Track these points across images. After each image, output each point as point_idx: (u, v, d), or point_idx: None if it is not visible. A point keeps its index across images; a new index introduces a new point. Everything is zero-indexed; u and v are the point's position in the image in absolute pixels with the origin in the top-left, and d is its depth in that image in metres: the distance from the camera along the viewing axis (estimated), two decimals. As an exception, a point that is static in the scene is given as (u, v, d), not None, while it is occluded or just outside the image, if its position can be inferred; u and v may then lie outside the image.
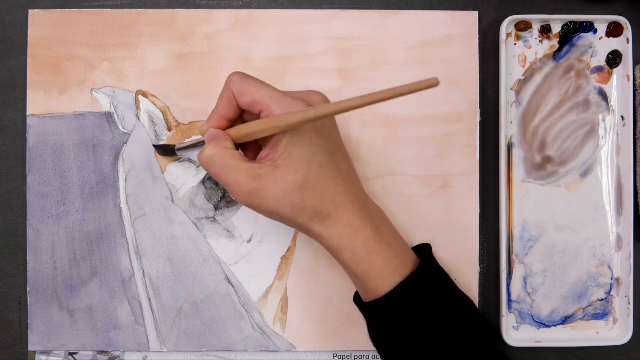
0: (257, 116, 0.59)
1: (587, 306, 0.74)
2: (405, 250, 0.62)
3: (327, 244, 0.60)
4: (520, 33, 0.73)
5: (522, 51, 0.74)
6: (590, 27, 0.73)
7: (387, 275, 0.60)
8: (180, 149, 0.69)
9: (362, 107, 0.54)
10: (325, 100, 0.61)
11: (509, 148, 0.73)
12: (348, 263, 0.60)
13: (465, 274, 0.73)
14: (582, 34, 0.73)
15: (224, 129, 0.61)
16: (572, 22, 0.73)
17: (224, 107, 0.60)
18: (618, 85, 0.73)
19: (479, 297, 0.73)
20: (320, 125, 0.59)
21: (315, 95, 0.61)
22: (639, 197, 0.72)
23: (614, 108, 0.73)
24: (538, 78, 0.73)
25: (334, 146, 0.61)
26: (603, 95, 0.73)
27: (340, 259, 0.60)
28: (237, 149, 0.59)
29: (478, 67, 0.73)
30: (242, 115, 0.62)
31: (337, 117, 0.70)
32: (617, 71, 0.73)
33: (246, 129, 0.59)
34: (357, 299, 0.65)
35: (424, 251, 0.65)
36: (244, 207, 0.72)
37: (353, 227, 0.59)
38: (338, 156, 0.61)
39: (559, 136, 0.73)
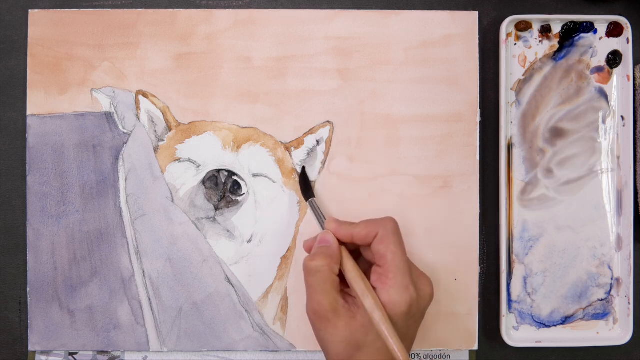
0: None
1: (587, 306, 0.74)
2: None
3: None
4: (520, 33, 0.73)
5: (522, 51, 0.74)
6: (590, 27, 0.73)
7: None
8: (312, 205, 0.70)
9: None
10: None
11: (509, 148, 0.73)
12: None
13: (465, 274, 0.73)
14: (582, 34, 0.73)
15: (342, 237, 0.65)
16: (572, 22, 0.73)
17: (359, 232, 0.64)
18: (618, 85, 0.73)
19: (479, 297, 0.73)
20: (412, 312, 0.62)
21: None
22: (639, 197, 0.72)
23: (614, 108, 0.73)
24: (538, 78, 0.73)
25: (409, 329, 0.64)
26: (603, 95, 0.73)
27: None
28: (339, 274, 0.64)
29: (478, 67, 0.73)
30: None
31: (337, 118, 0.71)
32: (617, 71, 0.73)
33: (347, 272, 0.63)
34: None
35: None
36: (244, 207, 0.72)
37: None
38: (407, 341, 0.64)
39: (559, 136, 0.73)
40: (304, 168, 0.73)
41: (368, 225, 0.63)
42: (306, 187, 0.71)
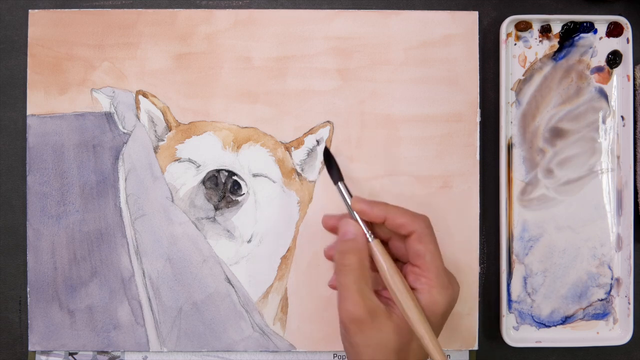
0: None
1: (587, 306, 0.74)
2: None
3: None
4: (520, 33, 0.73)
5: (522, 51, 0.74)
6: (590, 27, 0.73)
7: None
8: (341, 187, 0.66)
9: None
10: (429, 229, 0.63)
11: (509, 148, 0.73)
12: None
13: (465, 274, 0.73)
14: (582, 34, 0.73)
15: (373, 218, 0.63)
16: (572, 22, 0.73)
17: (393, 218, 0.62)
18: (618, 85, 0.73)
19: (479, 297, 0.73)
20: (448, 312, 0.62)
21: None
22: (639, 197, 0.72)
23: (614, 108, 0.73)
24: (538, 78, 0.73)
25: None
26: (603, 95, 0.73)
27: None
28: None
29: (478, 67, 0.73)
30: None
31: (337, 118, 0.71)
32: (617, 71, 0.73)
33: (383, 270, 0.61)
34: None
35: None
36: (244, 207, 0.72)
37: None
38: None
39: (559, 136, 0.73)
40: (327, 148, 0.72)
41: (404, 215, 0.62)
42: (335, 170, 0.68)
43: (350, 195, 0.65)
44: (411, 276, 0.61)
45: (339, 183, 0.66)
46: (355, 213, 0.63)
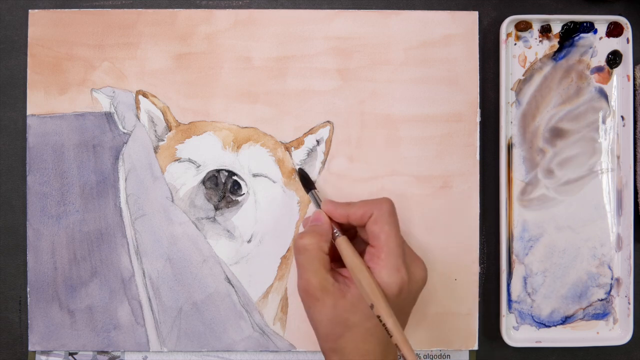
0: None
1: (587, 306, 0.74)
2: None
3: None
4: (520, 33, 0.73)
5: (522, 51, 0.74)
6: (590, 27, 0.73)
7: None
8: (313, 196, 0.70)
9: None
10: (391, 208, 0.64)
11: (509, 148, 0.73)
12: None
13: (465, 274, 0.73)
14: (582, 34, 0.73)
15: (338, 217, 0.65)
16: (572, 22, 0.73)
17: (355, 212, 0.64)
18: (618, 85, 0.73)
19: (479, 297, 0.73)
20: (404, 295, 0.62)
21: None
22: (639, 197, 0.72)
23: (614, 108, 0.73)
24: (538, 78, 0.73)
25: (400, 314, 0.63)
26: (603, 95, 0.73)
27: None
28: (328, 253, 0.63)
29: (478, 67, 0.73)
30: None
31: (337, 118, 0.71)
32: (617, 71, 0.73)
33: (343, 252, 0.63)
34: None
35: None
36: (244, 207, 0.72)
37: None
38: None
39: (559, 136, 0.73)
40: (300, 168, 0.73)
41: (364, 205, 0.63)
42: (306, 181, 0.71)
43: (321, 200, 0.68)
44: (367, 256, 0.62)
45: (312, 191, 0.69)
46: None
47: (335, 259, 0.64)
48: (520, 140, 0.73)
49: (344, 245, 0.63)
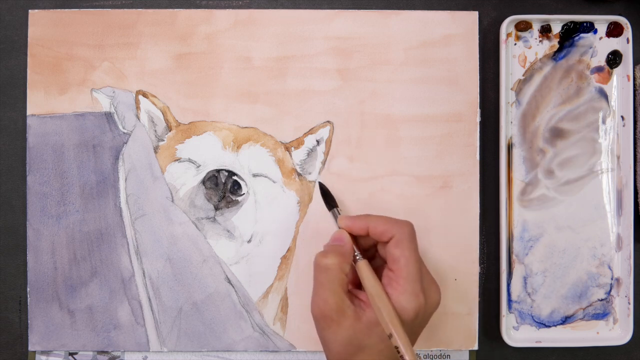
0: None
1: (587, 306, 0.74)
2: None
3: None
4: (520, 33, 0.73)
5: (522, 51, 0.74)
6: (590, 27, 0.73)
7: None
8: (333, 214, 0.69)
9: None
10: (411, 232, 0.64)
11: (509, 148, 0.73)
12: None
13: (465, 274, 0.73)
14: (582, 34, 0.73)
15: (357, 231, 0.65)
16: (572, 22, 0.73)
17: (375, 227, 0.63)
18: (618, 85, 0.73)
19: (479, 297, 0.73)
20: (419, 319, 0.62)
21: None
22: (639, 197, 0.72)
23: (614, 108, 0.73)
24: (538, 78, 0.73)
25: (412, 335, 0.63)
26: (603, 95, 0.73)
27: None
28: (348, 275, 0.63)
29: (478, 67, 0.73)
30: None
31: (337, 118, 0.71)
32: (617, 71, 0.73)
33: (362, 274, 0.63)
34: None
35: None
36: (244, 207, 0.72)
37: None
38: None
39: (559, 136, 0.73)
40: (321, 184, 0.73)
41: (386, 223, 0.63)
42: (328, 198, 0.71)
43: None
44: (385, 279, 0.62)
45: (333, 209, 0.69)
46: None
47: (352, 280, 0.65)
48: (520, 140, 0.73)
49: (364, 270, 0.63)
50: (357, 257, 0.64)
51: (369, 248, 0.67)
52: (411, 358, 0.58)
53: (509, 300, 0.73)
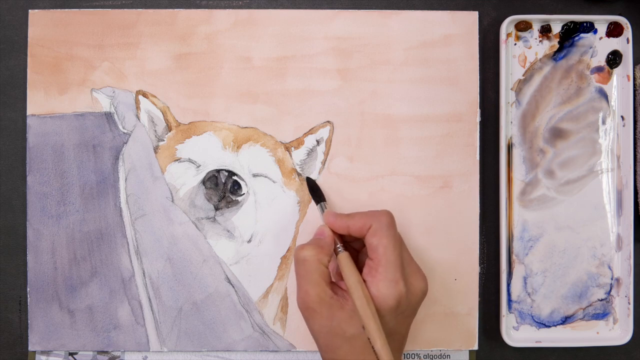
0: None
1: (587, 306, 0.74)
2: None
3: None
4: (520, 33, 0.73)
5: (522, 51, 0.74)
6: (590, 27, 0.73)
7: None
8: (321, 208, 0.70)
9: None
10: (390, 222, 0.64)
11: (509, 148, 0.73)
12: None
13: (465, 274, 0.73)
14: (582, 34, 0.73)
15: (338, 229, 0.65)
16: (572, 22, 0.73)
17: (354, 224, 0.64)
18: (618, 85, 0.73)
19: (479, 297, 0.73)
20: (402, 308, 0.62)
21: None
22: (639, 197, 0.72)
23: (614, 108, 0.73)
24: (538, 78, 0.73)
25: (399, 327, 0.64)
26: (603, 95, 0.73)
27: None
28: (328, 267, 0.64)
29: (478, 67, 0.73)
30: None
31: (337, 118, 0.71)
32: (617, 71, 0.73)
33: (341, 263, 0.64)
34: None
35: None
36: (244, 207, 0.72)
37: None
38: (397, 335, 0.64)
39: (559, 136, 0.73)
40: (309, 178, 0.73)
41: (363, 217, 0.64)
42: (315, 193, 0.71)
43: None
44: (366, 269, 0.63)
45: (320, 203, 0.70)
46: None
47: (338, 273, 0.65)
48: (520, 140, 0.73)
49: (343, 262, 0.63)
50: (339, 250, 0.64)
51: (353, 241, 0.68)
52: (381, 346, 0.58)
53: (509, 300, 0.73)
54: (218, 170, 0.72)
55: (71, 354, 0.73)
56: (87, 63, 0.72)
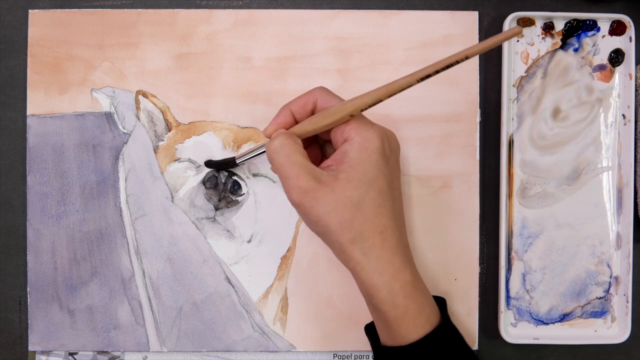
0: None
1: (586, 304, 0.74)
2: (432, 300, 0.61)
3: (364, 278, 0.58)
4: (523, 30, 0.73)
5: (525, 48, 0.73)
6: (593, 25, 0.73)
7: (419, 323, 0.59)
8: (242, 160, 0.68)
9: (422, 79, 0.59)
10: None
11: (510, 144, 0.73)
12: (382, 304, 0.58)
13: (465, 273, 0.73)
14: (585, 32, 0.73)
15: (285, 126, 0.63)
16: (575, 19, 0.73)
17: (297, 107, 0.62)
18: (620, 83, 0.73)
19: (479, 297, 0.73)
20: (388, 153, 0.60)
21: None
22: (639, 197, 0.72)
23: (615, 106, 0.73)
24: (540, 75, 0.73)
25: (394, 180, 0.61)
26: (605, 93, 0.73)
27: (375, 297, 0.58)
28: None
29: (478, 67, 0.73)
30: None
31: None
32: (619, 69, 0.73)
33: (309, 125, 0.61)
34: (372, 336, 0.64)
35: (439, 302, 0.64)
36: (244, 207, 0.72)
37: (395, 267, 0.58)
38: (396, 192, 0.61)
39: (560, 133, 0.73)
40: (205, 162, 0.73)
41: (299, 97, 0.63)
42: (221, 164, 0.71)
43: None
44: (337, 133, 0.61)
45: (239, 160, 0.68)
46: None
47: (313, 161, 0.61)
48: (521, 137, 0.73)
49: (304, 122, 0.62)
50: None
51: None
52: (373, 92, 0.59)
53: (508, 297, 0.73)
54: (218, 170, 0.72)
55: (71, 354, 0.73)
56: (87, 63, 0.72)
